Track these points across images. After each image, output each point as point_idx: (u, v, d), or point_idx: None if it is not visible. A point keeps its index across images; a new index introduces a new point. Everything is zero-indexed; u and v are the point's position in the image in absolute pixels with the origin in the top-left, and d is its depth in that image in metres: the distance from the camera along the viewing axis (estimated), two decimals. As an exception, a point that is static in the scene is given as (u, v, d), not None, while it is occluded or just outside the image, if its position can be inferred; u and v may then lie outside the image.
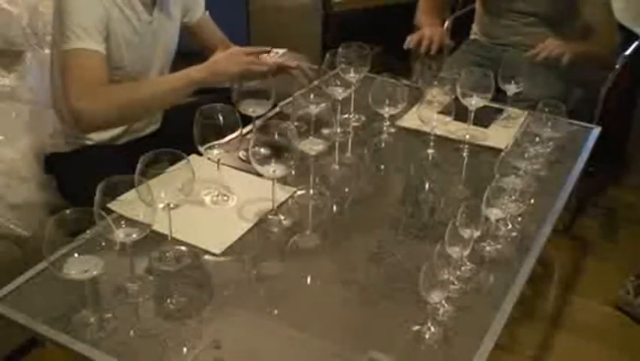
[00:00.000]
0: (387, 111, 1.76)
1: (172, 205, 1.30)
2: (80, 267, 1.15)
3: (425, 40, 2.13)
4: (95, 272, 1.14)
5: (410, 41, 2.17)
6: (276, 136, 1.37)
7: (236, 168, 1.66)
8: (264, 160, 1.38)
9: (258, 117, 1.69)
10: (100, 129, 1.82)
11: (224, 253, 1.38)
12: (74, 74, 1.67)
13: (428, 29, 2.18)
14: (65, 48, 1.67)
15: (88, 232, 1.25)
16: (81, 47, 1.66)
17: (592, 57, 2.28)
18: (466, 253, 1.25)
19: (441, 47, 2.18)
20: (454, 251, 1.23)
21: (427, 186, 1.69)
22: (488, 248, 1.41)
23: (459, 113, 1.78)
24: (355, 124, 1.89)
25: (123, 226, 1.23)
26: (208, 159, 1.50)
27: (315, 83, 1.81)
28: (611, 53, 2.36)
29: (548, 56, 2.08)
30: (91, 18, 1.67)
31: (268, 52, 1.87)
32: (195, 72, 1.76)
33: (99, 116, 1.68)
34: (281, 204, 1.53)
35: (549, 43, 2.12)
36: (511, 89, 1.88)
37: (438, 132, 1.80)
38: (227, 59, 1.78)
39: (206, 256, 1.37)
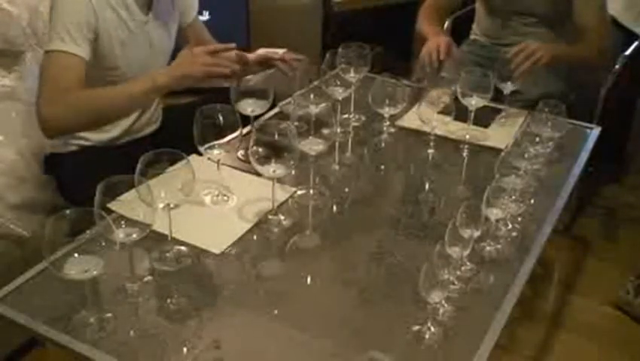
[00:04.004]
0: (387, 111, 1.76)
1: (172, 205, 1.30)
2: (80, 267, 1.15)
3: (434, 54, 2.11)
4: (95, 272, 1.14)
5: (424, 61, 2.12)
6: (276, 136, 1.37)
7: (236, 168, 1.66)
8: (264, 160, 1.38)
9: (257, 117, 1.69)
10: (63, 133, 1.80)
11: (224, 253, 1.38)
12: (47, 76, 1.67)
13: (434, 41, 2.15)
14: (46, 48, 1.68)
15: (88, 232, 1.25)
16: (61, 49, 1.66)
17: (579, 59, 2.26)
18: (466, 253, 1.25)
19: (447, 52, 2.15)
20: (454, 251, 1.23)
21: (427, 186, 1.69)
22: (488, 248, 1.41)
23: (459, 113, 1.78)
24: (355, 124, 1.89)
25: (123, 226, 1.23)
26: (208, 159, 1.50)
27: (315, 83, 1.81)
28: (600, 55, 2.32)
29: (525, 62, 1.95)
30: (77, 21, 1.67)
31: (232, 49, 1.78)
32: (159, 77, 1.71)
33: (61, 121, 1.67)
34: (281, 204, 1.53)
35: (525, 46, 2.00)
36: (507, 87, 1.88)
37: (438, 132, 1.81)
38: (189, 62, 1.72)
39: (206, 256, 1.37)
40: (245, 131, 1.58)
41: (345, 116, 1.88)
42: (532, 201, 1.53)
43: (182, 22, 2.02)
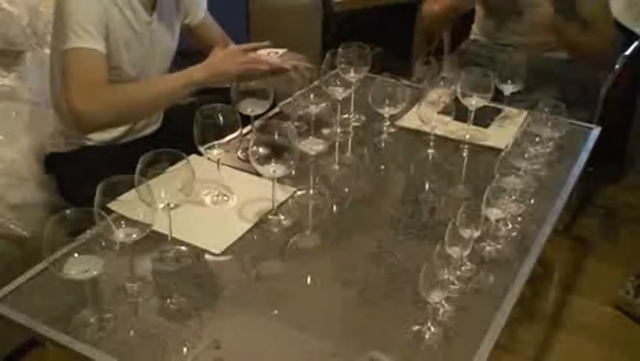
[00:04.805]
0: (387, 111, 1.76)
1: (172, 205, 1.30)
2: (80, 267, 1.15)
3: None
4: (95, 272, 1.14)
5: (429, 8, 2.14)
6: (276, 136, 1.37)
7: (236, 168, 1.66)
8: (264, 160, 1.38)
9: (257, 117, 1.69)
10: (100, 129, 1.81)
11: (224, 253, 1.38)
12: (73, 73, 1.66)
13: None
14: (64, 47, 1.67)
15: (88, 232, 1.25)
16: (81, 45, 1.66)
17: (588, 52, 2.27)
18: (466, 253, 1.25)
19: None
20: (454, 251, 1.23)
21: (427, 186, 1.69)
22: (488, 248, 1.41)
23: (459, 113, 1.78)
24: (355, 124, 1.89)
25: (123, 226, 1.23)
26: (208, 159, 1.50)
27: (315, 83, 1.81)
28: (604, 50, 2.33)
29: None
30: (91, 17, 1.67)
31: (266, 47, 1.84)
32: (195, 72, 1.75)
33: (98, 117, 1.68)
34: (281, 204, 1.53)
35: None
36: (508, 88, 1.89)
37: (438, 132, 1.80)
38: (226, 59, 1.76)
39: (206, 256, 1.37)
40: (245, 131, 1.58)
41: (345, 116, 1.88)
42: (532, 201, 1.53)
43: (190, 22, 2.02)
